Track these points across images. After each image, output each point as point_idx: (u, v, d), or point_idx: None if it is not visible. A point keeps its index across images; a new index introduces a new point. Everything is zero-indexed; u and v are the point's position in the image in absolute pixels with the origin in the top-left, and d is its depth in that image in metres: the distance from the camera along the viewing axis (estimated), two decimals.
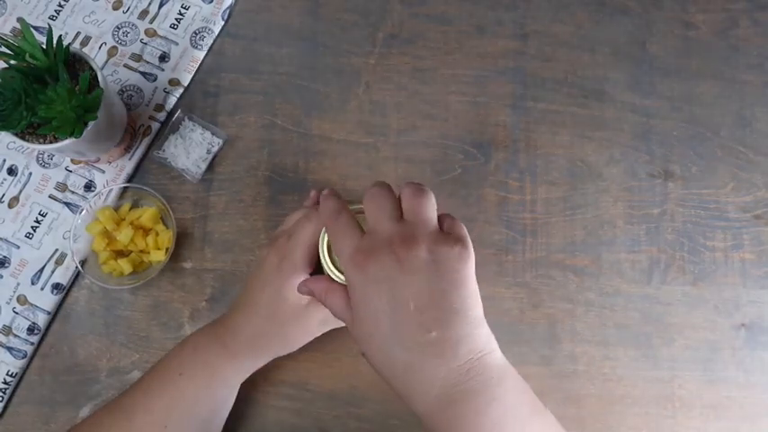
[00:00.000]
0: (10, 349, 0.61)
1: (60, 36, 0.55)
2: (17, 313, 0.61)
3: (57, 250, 0.63)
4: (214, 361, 0.52)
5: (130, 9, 0.68)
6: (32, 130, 0.55)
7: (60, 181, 0.64)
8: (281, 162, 0.65)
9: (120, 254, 0.62)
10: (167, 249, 0.61)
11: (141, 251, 0.62)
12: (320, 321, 0.53)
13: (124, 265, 0.60)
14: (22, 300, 0.62)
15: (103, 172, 0.64)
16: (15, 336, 0.61)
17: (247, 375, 0.54)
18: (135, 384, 0.53)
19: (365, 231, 0.42)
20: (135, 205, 0.63)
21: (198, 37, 0.67)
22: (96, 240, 0.61)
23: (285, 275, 0.51)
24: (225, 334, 0.52)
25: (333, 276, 0.47)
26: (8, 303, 0.62)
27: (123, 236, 0.60)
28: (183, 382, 0.51)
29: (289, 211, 0.63)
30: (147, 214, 0.62)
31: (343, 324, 0.49)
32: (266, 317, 0.51)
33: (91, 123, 0.54)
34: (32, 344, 0.61)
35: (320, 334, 0.54)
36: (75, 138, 0.54)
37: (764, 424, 0.60)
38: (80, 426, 0.52)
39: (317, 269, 0.53)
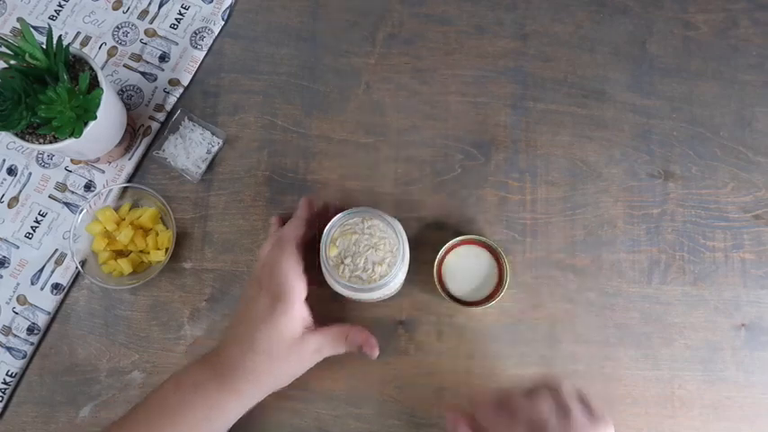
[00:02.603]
0: (10, 349, 0.61)
1: (60, 36, 0.55)
2: (17, 313, 0.61)
3: (56, 250, 0.63)
4: (214, 397, 0.52)
5: (130, 9, 0.68)
6: (32, 130, 0.55)
7: (60, 181, 0.64)
8: (281, 162, 0.65)
9: (120, 254, 0.62)
10: (167, 249, 0.61)
11: (141, 251, 0.62)
12: (314, 351, 0.54)
13: (124, 266, 0.60)
14: (21, 300, 0.62)
15: (103, 172, 0.64)
16: (15, 336, 0.61)
17: (245, 411, 0.54)
18: (133, 415, 0.52)
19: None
20: (135, 205, 0.63)
21: (198, 37, 0.67)
22: (96, 240, 0.61)
23: (279, 313, 0.51)
24: (223, 369, 0.52)
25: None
26: (8, 303, 0.62)
27: (123, 236, 0.60)
28: (183, 417, 0.51)
29: (288, 211, 0.63)
30: (146, 214, 0.62)
31: (335, 353, 0.55)
32: (263, 353, 0.52)
33: (91, 123, 0.54)
34: (32, 344, 0.61)
35: (314, 364, 0.55)
36: (75, 138, 0.54)
37: (764, 424, 0.60)
38: None
39: (314, 270, 0.54)
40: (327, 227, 0.51)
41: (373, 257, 0.52)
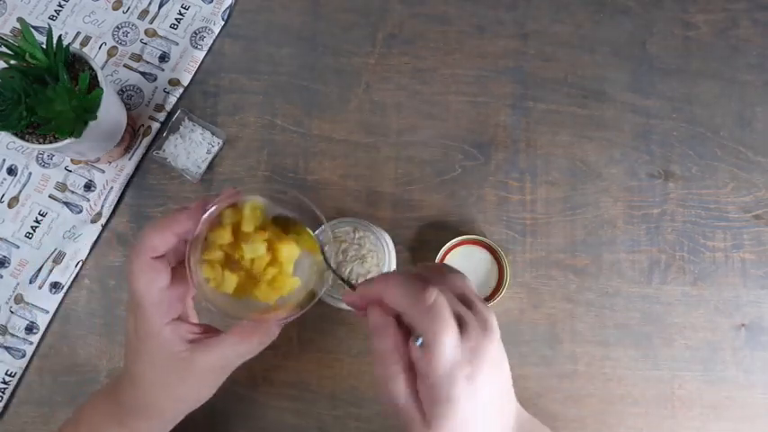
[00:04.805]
0: (8, 349, 0.61)
1: (60, 36, 0.55)
2: (13, 312, 0.61)
3: (56, 249, 0.62)
4: None
5: (130, 9, 0.68)
6: (32, 130, 0.55)
7: (60, 181, 0.64)
8: (281, 162, 0.65)
9: (232, 263, 0.45)
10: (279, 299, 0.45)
11: (252, 277, 0.46)
12: (213, 370, 0.46)
13: (228, 281, 0.44)
14: (18, 299, 0.62)
15: (103, 172, 0.64)
16: (13, 335, 0.61)
17: None
18: None
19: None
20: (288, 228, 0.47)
21: (198, 37, 0.67)
22: (220, 231, 0.44)
23: (144, 336, 0.44)
24: (121, 412, 0.48)
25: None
26: (6, 303, 0.62)
27: (252, 249, 0.44)
28: None
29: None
30: (289, 248, 0.45)
31: (245, 358, 0.46)
32: (144, 384, 0.46)
33: (91, 123, 0.54)
34: (31, 343, 0.61)
35: (223, 379, 0.47)
36: (75, 138, 0.54)
37: (764, 424, 0.60)
38: None
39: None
40: (316, 233, 0.46)
41: (359, 269, 0.51)
